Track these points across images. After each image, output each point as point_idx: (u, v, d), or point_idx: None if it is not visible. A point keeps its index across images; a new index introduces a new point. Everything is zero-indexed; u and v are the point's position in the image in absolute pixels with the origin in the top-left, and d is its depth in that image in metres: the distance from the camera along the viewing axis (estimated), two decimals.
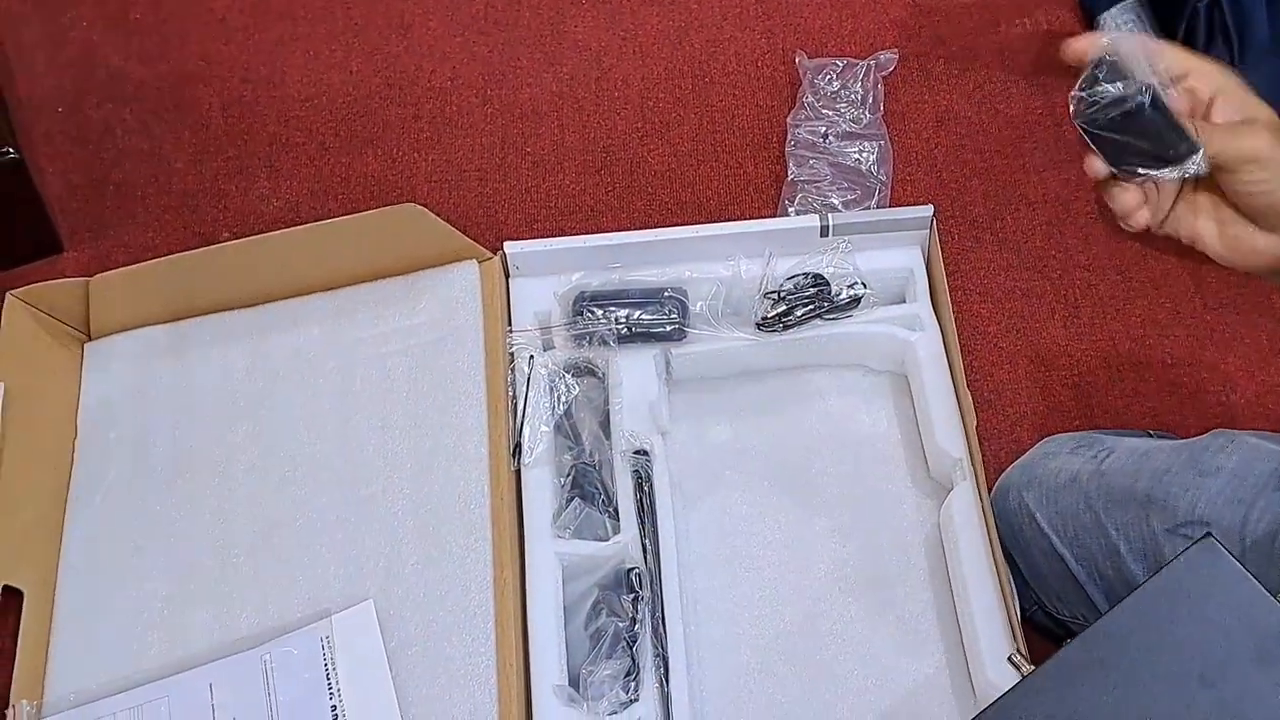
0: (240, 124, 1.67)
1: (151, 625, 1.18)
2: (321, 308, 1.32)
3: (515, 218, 1.59)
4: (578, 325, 1.27)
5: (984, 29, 1.69)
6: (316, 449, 1.25)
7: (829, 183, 1.51)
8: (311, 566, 1.18)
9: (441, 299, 1.30)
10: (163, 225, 1.60)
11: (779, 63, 1.67)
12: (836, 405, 1.32)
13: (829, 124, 1.55)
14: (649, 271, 1.29)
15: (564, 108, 1.67)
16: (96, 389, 1.30)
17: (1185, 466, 1.01)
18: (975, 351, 1.47)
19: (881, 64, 1.61)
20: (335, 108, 1.68)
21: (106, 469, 1.26)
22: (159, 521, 1.22)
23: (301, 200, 1.61)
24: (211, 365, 1.30)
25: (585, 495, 1.21)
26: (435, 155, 1.64)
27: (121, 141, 1.67)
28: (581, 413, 1.25)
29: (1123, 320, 1.49)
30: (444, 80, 1.70)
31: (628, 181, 1.61)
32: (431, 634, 1.13)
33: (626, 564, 1.18)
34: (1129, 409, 1.44)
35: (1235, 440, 1.02)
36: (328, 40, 1.73)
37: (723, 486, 1.29)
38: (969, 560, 1.14)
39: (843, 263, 1.28)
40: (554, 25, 1.74)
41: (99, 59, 1.73)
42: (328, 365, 1.28)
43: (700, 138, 1.64)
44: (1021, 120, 1.62)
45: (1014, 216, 1.56)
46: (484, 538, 1.17)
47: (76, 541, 1.22)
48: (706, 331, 1.28)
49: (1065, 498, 1.10)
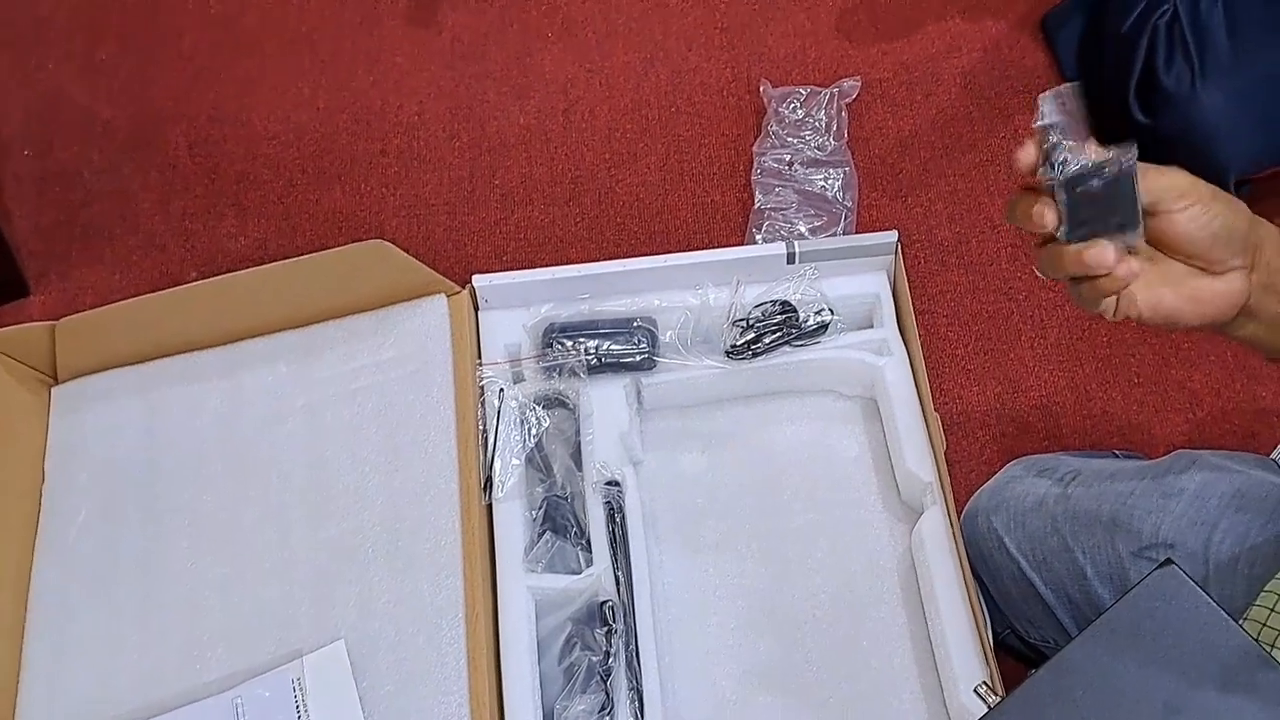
0: (208, 163, 1.68)
1: (122, 669, 1.17)
2: (290, 345, 1.31)
3: (485, 250, 1.59)
4: (547, 357, 1.27)
5: (946, 55, 1.71)
6: (287, 487, 1.24)
7: (795, 210, 1.52)
8: (283, 606, 1.18)
9: (411, 334, 1.30)
10: (130, 266, 1.60)
11: (744, 92, 1.68)
12: (807, 431, 1.32)
13: (794, 151, 1.56)
14: (618, 302, 1.29)
15: (532, 140, 1.68)
16: (64, 432, 1.29)
17: (1148, 489, 1.02)
18: (944, 374, 1.47)
19: (845, 91, 1.62)
20: (303, 144, 1.68)
21: (75, 512, 1.25)
22: (129, 564, 1.22)
23: (269, 237, 1.61)
24: (180, 405, 1.29)
25: (557, 528, 1.20)
26: (404, 190, 1.64)
27: (89, 183, 1.67)
28: (553, 445, 1.25)
29: (1089, 341, 1.50)
30: (411, 115, 1.70)
31: (596, 212, 1.61)
32: (404, 673, 1.13)
33: (600, 597, 1.17)
34: (1097, 429, 1.44)
35: (1197, 461, 1.02)
36: (294, 77, 1.74)
37: (695, 515, 1.29)
38: (940, 585, 1.14)
39: (810, 289, 1.29)
40: (520, 59, 1.74)
41: (66, 100, 1.73)
42: (297, 403, 1.28)
43: (668, 167, 1.64)
44: (985, 144, 1.64)
45: (979, 240, 1.57)
46: (455, 574, 1.16)
47: (46, 586, 1.21)
48: (676, 360, 1.29)
49: (1032, 521, 1.10)
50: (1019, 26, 1.72)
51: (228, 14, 1.78)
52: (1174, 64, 1.48)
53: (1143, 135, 1.50)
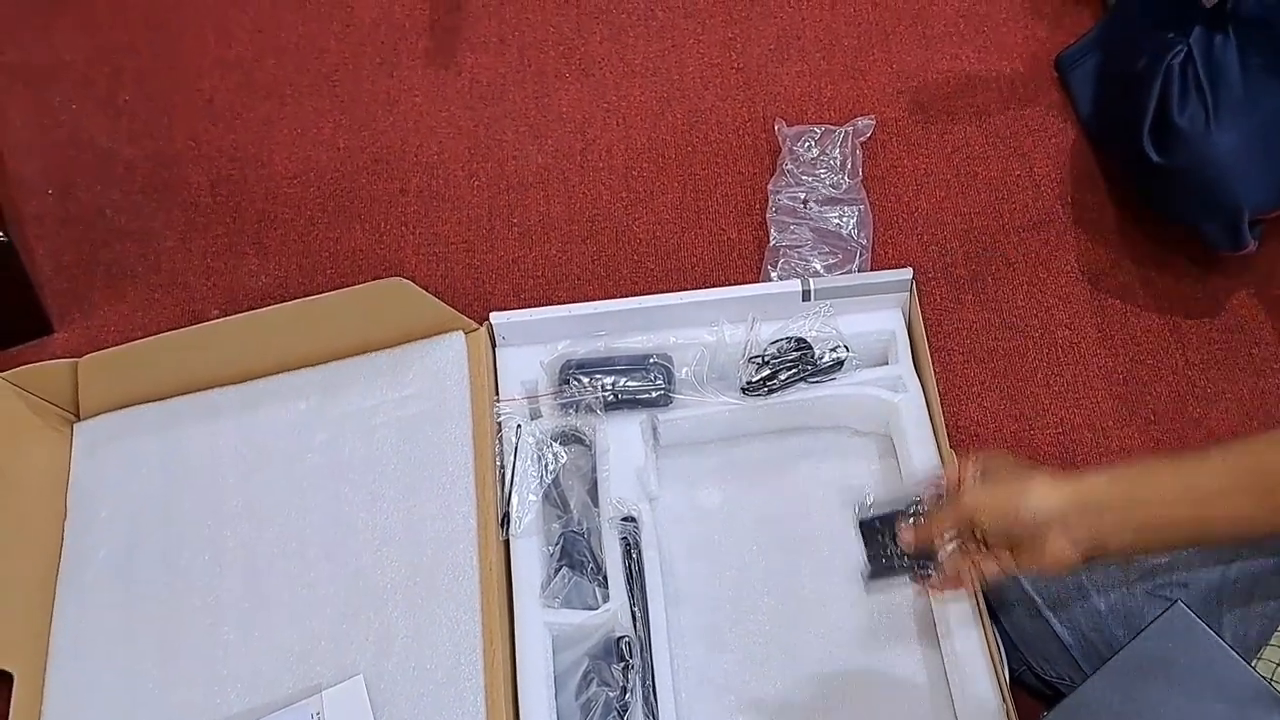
0: (229, 202, 1.69)
1: (142, 704, 1.17)
2: (310, 382, 1.33)
3: (503, 288, 1.60)
4: (564, 394, 1.28)
5: (960, 93, 1.72)
6: (306, 523, 1.25)
7: (810, 247, 1.53)
8: (302, 641, 1.19)
9: (429, 371, 1.31)
10: (152, 304, 1.61)
11: (760, 131, 1.70)
12: (822, 467, 1.33)
13: (809, 189, 1.57)
14: (634, 339, 1.31)
15: (550, 179, 1.69)
16: (86, 469, 1.31)
17: None
18: (960, 412, 1.47)
19: (859, 130, 1.63)
20: (323, 184, 1.70)
21: (96, 549, 1.26)
22: (149, 600, 1.23)
23: (290, 276, 1.62)
24: (201, 441, 1.31)
25: (574, 564, 1.21)
26: (423, 228, 1.66)
27: (111, 221, 1.68)
28: (569, 481, 1.26)
29: (1105, 379, 1.50)
30: (431, 154, 1.72)
31: (614, 250, 1.62)
32: (422, 708, 1.13)
33: (616, 632, 1.18)
34: (1112, 465, 1.44)
35: None
36: (315, 118, 1.75)
37: (711, 550, 1.29)
38: (957, 623, 1.14)
39: (825, 326, 1.30)
40: (538, 99, 1.76)
41: (88, 140, 1.75)
42: (316, 439, 1.29)
43: (684, 206, 1.65)
44: (1000, 182, 1.64)
45: (995, 277, 1.57)
46: (473, 609, 1.17)
47: (67, 622, 1.22)
48: (692, 397, 1.29)
49: None
50: (1033, 65, 1.73)
51: (247, 56, 1.80)
52: (1188, 104, 1.48)
53: (1156, 174, 1.50)
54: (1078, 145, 1.67)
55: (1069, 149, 1.67)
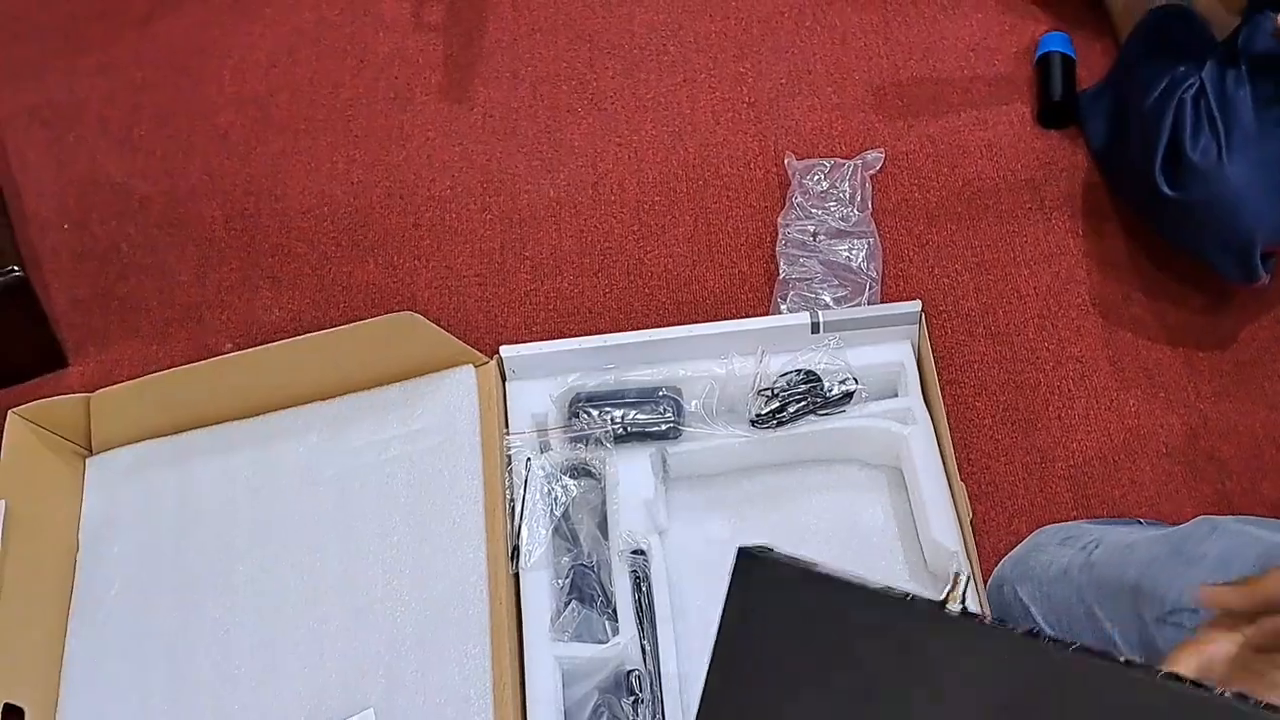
0: (243, 236, 1.70)
1: None
2: (321, 416, 1.33)
3: (515, 321, 1.61)
4: (574, 427, 1.29)
5: (971, 128, 1.72)
6: (317, 557, 1.25)
7: (819, 280, 1.53)
8: (313, 676, 1.19)
9: (439, 404, 1.31)
10: (167, 337, 1.62)
11: (770, 164, 1.70)
12: (832, 500, 1.32)
13: (818, 223, 1.58)
14: (643, 371, 1.31)
15: (562, 213, 1.70)
16: (98, 503, 1.31)
17: (1170, 555, 1.01)
18: (971, 445, 1.47)
19: (868, 163, 1.63)
20: (337, 218, 1.71)
21: (109, 584, 1.26)
22: (161, 635, 1.23)
23: (304, 310, 1.63)
24: (213, 476, 1.31)
25: (584, 597, 1.21)
26: (436, 262, 1.67)
27: (126, 256, 1.70)
28: (579, 514, 1.26)
29: (1117, 411, 1.50)
30: (443, 189, 1.73)
31: (625, 283, 1.63)
32: None
33: (626, 666, 1.17)
34: (1125, 499, 1.44)
35: (1218, 528, 1.02)
36: (329, 152, 1.77)
37: (721, 584, 1.28)
38: None
39: (834, 359, 1.30)
40: (551, 133, 1.77)
41: (104, 176, 1.77)
42: (327, 473, 1.30)
43: (695, 239, 1.66)
44: (1010, 215, 1.65)
45: (1006, 310, 1.57)
46: (483, 643, 1.17)
47: (78, 657, 1.23)
48: (702, 430, 1.30)
49: (1058, 590, 1.10)
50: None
51: (261, 92, 1.82)
52: (1200, 137, 1.48)
53: (1169, 207, 1.50)
54: (1089, 178, 1.68)
55: (1081, 182, 1.68)
